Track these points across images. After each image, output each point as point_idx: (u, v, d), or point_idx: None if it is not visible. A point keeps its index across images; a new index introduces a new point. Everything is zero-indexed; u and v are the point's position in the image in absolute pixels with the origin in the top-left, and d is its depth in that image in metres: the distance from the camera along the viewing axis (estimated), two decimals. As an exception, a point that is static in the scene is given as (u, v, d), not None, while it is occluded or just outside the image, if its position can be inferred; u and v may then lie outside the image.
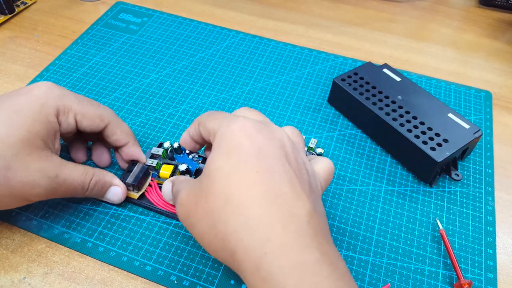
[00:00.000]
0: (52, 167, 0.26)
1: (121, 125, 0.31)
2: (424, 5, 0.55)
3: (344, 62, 0.45)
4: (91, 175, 0.29)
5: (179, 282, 0.28)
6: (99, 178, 0.29)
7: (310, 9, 0.53)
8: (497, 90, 0.43)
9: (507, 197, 0.34)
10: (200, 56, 0.45)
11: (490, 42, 0.50)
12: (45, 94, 0.27)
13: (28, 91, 0.27)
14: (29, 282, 0.27)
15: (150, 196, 0.31)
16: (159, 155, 0.33)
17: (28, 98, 0.27)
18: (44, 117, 0.26)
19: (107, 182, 0.30)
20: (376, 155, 0.36)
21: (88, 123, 0.29)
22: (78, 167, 0.28)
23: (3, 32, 0.47)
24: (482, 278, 0.29)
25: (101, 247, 0.29)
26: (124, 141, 0.31)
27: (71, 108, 0.28)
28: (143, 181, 0.31)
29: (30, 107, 0.26)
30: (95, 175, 0.29)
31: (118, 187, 0.30)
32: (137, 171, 0.31)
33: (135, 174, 0.31)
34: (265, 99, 0.41)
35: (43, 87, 0.28)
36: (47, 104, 0.27)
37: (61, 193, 0.27)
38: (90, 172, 0.29)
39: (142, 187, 0.31)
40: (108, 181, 0.30)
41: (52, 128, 0.27)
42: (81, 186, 0.28)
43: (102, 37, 0.47)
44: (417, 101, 0.36)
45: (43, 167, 0.26)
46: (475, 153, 0.37)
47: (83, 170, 0.28)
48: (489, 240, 0.31)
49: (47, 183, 0.26)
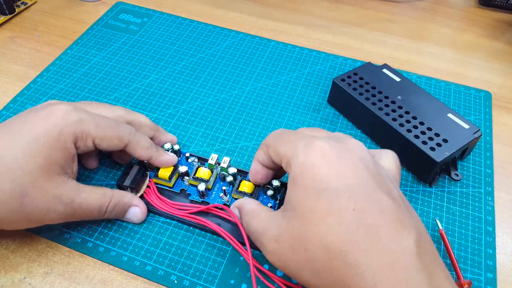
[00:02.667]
0: (67, 193, 0.26)
1: (140, 142, 0.30)
2: (423, 6, 0.55)
3: (343, 63, 0.45)
4: (109, 198, 0.28)
5: (179, 282, 0.28)
6: (118, 200, 0.29)
7: (310, 10, 0.53)
8: (496, 90, 0.43)
9: (506, 197, 0.34)
10: (200, 56, 0.45)
11: (489, 42, 0.50)
12: (62, 122, 0.26)
13: (46, 117, 0.26)
14: (30, 282, 0.27)
15: (149, 197, 0.31)
16: None
17: (46, 126, 0.26)
18: (62, 144, 0.26)
19: (126, 204, 0.29)
20: (376, 155, 0.36)
21: (107, 145, 0.28)
22: (95, 190, 0.28)
23: (3, 32, 0.47)
24: (481, 278, 0.29)
25: (102, 247, 0.29)
26: (147, 157, 0.30)
27: (89, 133, 0.27)
28: (141, 183, 0.31)
29: (48, 135, 0.26)
30: (113, 198, 0.28)
31: (137, 208, 0.30)
32: (134, 173, 0.31)
33: (132, 176, 0.30)
34: (265, 99, 0.41)
35: (60, 112, 0.27)
36: (65, 131, 0.26)
37: (78, 216, 0.27)
38: (108, 195, 0.28)
39: (140, 189, 0.31)
40: (128, 202, 0.29)
41: (69, 154, 0.27)
42: (98, 210, 0.28)
43: (102, 38, 0.47)
44: (417, 101, 0.36)
45: (59, 194, 0.26)
46: (474, 153, 0.37)
47: (101, 193, 0.28)
48: (489, 240, 0.31)
49: (62, 208, 0.26)
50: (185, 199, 0.31)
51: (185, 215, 0.30)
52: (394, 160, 0.26)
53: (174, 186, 0.32)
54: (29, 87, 0.41)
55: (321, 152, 0.22)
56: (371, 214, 0.20)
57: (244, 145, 0.37)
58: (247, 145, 0.36)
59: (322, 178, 0.21)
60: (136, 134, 0.30)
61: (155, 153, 0.31)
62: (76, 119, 0.27)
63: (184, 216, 0.30)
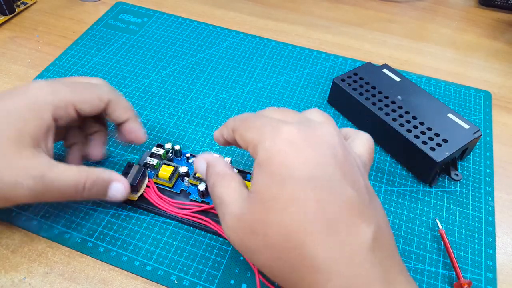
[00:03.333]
0: (37, 166, 0.25)
1: (121, 101, 0.30)
2: (423, 6, 0.55)
3: (343, 62, 0.45)
4: (86, 175, 0.26)
5: (179, 282, 0.28)
6: (96, 177, 0.26)
7: (310, 10, 0.53)
8: (496, 90, 0.43)
9: (506, 197, 0.34)
10: (200, 56, 0.45)
11: (489, 42, 0.50)
12: (37, 94, 0.26)
13: (20, 92, 0.26)
14: (30, 282, 0.27)
15: (149, 196, 0.31)
16: (159, 155, 0.33)
17: (19, 99, 0.26)
18: (37, 114, 0.26)
19: (106, 180, 0.27)
20: (376, 155, 0.36)
21: (89, 108, 0.28)
22: (70, 167, 0.26)
23: (3, 33, 0.47)
24: (481, 278, 0.29)
25: (102, 247, 0.29)
26: (125, 117, 0.30)
27: (67, 100, 0.27)
28: (141, 182, 0.31)
29: (20, 106, 0.25)
30: (90, 174, 0.26)
31: (119, 183, 0.28)
32: (134, 172, 0.30)
33: (132, 175, 0.30)
34: (265, 100, 0.41)
35: (35, 87, 0.27)
36: (40, 102, 0.26)
37: (52, 195, 0.25)
38: (84, 172, 0.26)
39: (140, 188, 0.31)
40: (107, 178, 0.27)
41: (44, 126, 0.26)
42: (74, 188, 0.26)
43: (102, 38, 0.47)
44: (417, 101, 0.36)
45: (28, 166, 0.24)
46: (474, 153, 0.37)
47: (75, 170, 0.26)
48: (489, 240, 0.31)
49: (31, 183, 0.24)
50: (185, 199, 0.31)
51: (186, 214, 0.30)
52: (368, 144, 0.25)
53: (174, 186, 0.32)
54: (29, 87, 0.41)
55: (288, 138, 0.21)
56: (333, 206, 0.20)
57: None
58: (247, 145, 0.36)
59: (288, 166, 0.20)
60: (116, 91, 0.30)
61: (133, 117, 0.30)
62: (51, 89, 0.27)
63: (185, 215, 0.30)
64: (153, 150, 0.33)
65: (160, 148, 0.33)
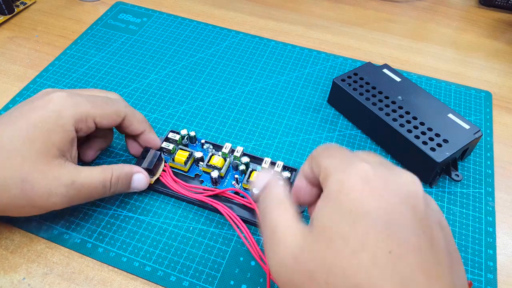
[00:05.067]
0: (67, 174, 0.27)
1: (136, 115, 0.32)
2: (423, 5, 0.55)
3: (344, 62, 0.45)
4: (110, 172, 0.29)
5: (179, 283, 0.27)
6: (119, 173, 0.29)
7: (310, 9, 0.53)
8: (497, 90, 0.43)
9: (507, 198, 0.34)
10: (199, 56, 0.45)
11: (490, 42, 0.50)
12: (60, 107, 0.28)
13: (44, 105, 0.28)
14: (29, 283, 0.27)
15: (165, 179, 0.32)
16: (175, 140, 0.34)
17: (44, 113, 0.27)
18: (61, 127, 0.27)
19: (129, 173, 0.30)
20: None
21: (107, 122, 0.30)
22: (94, 169, 0.28)
23: (2, 33, 0.47)
24: (482, 279, 0.29)
25: (101, 248, 0.29)
26: (141, 130, 0.32)
27: (88, 114, 0.29)
28: (157, 166, 0.32)
29: (46, 120, 0.27)
30: (114, 171, 0.29)
31: (140, 174, 0.30)
32: (151, 156, 0.32)
33: (149, 159, 0.31)
34: (265, 99, 0.41)
35: (57, 99, 0.28)
36: (63, 116, 0.27)
37: (83, 197, 0.28)
38: (108, 170, 0.29)
39: (157, 172, 0.32)
40: (129, 171, 0.30)
41: (68, 137, 0.28)
42: (102, 185, 0.28)
43: (101, 37, 0.46)
44: (417, 102, 0.36)
45: (58, 176, 0.26)
46: (475, 154, 0.37)
47: (100, 170, 0.28)
48: (489, 240, 0.31)
49: (64, 190, 0.26)
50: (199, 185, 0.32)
51: (199, 197, 0.31)
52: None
53: (189, 171, 0.33)
54: (28, 87, 0.40)
55: (364, 175, 0.19)
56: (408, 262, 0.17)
57: (244, 146, 0.36)
58: (247, 146, 0.36)
59: (362, 203, 0.18)
60: (131, 107, 0.32)
61: (148, 128, 0.32)
62: (72, 102, 0.28)
63: (199, 198, 0.31)
64: (169, 135, 0.34)
65: (175, 134, 0.34)
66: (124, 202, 0.32)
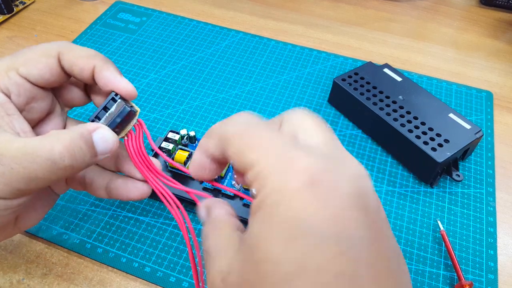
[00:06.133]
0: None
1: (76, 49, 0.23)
2: (424, 5, 0.55)
3: (344, 62, 0.45)
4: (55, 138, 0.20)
5: (178, 284, 0.27)
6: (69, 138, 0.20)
7: (310, 9, 0.53)
8: (497, 90, 0.43)
9: (508, 198, 0.34)
10: (199, 55, 0.45)
11: (491, 42, 0.49)
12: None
13: None
14: (28, 283, 0.27)
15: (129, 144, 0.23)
16: (175, 140, 0.33)
17: None
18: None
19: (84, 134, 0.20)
20: (377, 155, 0.36)
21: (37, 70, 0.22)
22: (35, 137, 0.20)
23: (1, 32, 0.47)
24: (483, 279, 0.29)
25: (100, 248, 0.29)
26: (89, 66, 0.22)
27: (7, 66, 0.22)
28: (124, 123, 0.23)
29: None
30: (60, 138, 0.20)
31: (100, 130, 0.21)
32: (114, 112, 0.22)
33: (112, 116, 0.22)
34: (265, 99, 0.41)
35: None
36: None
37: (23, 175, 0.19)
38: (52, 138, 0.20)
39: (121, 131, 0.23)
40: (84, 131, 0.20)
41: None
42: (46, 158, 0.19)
43: (101, 37, 0.46)
44: (418, 101, 0.36)
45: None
46: (476, 154, 0.37)
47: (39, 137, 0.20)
48: (490, 241, 0.31)
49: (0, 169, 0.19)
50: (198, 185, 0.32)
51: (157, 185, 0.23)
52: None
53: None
54: (28, 86, 0.40)
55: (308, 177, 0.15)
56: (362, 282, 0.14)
57: (244, 145, 0.36)
58: (247, 145, 0.36)
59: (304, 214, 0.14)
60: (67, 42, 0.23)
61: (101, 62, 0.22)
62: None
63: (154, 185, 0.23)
64: (169, 135, 0.34)
65: (175, 134, 0.34)
66: (123, 203, 0.31)
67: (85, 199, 0.31)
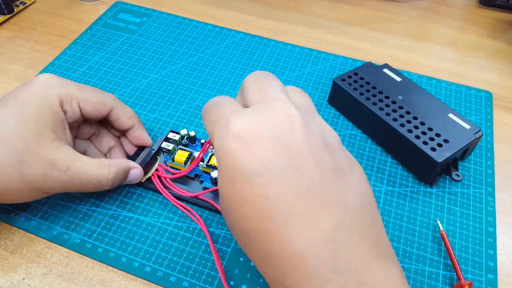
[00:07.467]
0: (62, 159, 0.26)
1: (124, 109, 0.31)
2: (424, 5, 0.55)
3: (344, 62, 0.45)
4: (108, 170, 0.28)
5: (178, 283, 0.27)
6: (117, 169, 0.29)
7: (310, 9, 0.53)
8: (497, 90, 0.43)
9: (507, 198, 0.34)
10: (199, 56, 0.45)
11: (490, 42, 0.50)
12: (45, 84, 0.28)
13: (29, 84, 0.28)
14: (28, 283, 0.27)
15: (155, 180, 0.32)
16: (175, 140, 0.34)
17: (30, 90, 0.27)
18: (49, 107, 0.27)
19: (126, 169, 0.30)
20: (376, 155, 0.36)
21: (92, 108, 0.29)
22: (91, 161, 0.28)
23: (2, 32, 0.47)
24: (482, 279, 0.29)
25: (100, 248, 0.29)
26: (129, 124, 0.31)
27: (73, 95, 0.28)
28: (150, 165, 0.32)
29: (33, 98, 0.27)
30: (112, 168, 0.28)
31: (136, 169, 0.30)
32: (144, 155, 0.32)
33: (142, 157, 0.32)
34: (265, 99, 0.41)
35: (43, 77, 0.28)
36: (49, 93, 0.27)
37: (77, 187, 0.27)
38: (106, 167, 0.28)
39: (149, 171, 0.32)
40: (127, 167, 0.30)
41: (58, 118, 0.27)
42: (97, 181, 0.28)
43: (101, 37, 0.46)
44: (418, 101, 0.36)
45: (53, 159, 0.26)
46: (475, 154, 0.37)
47: (97, 164, 0.28)
48: (490, 241, 0.31)
49: (59, 175, 0.26)
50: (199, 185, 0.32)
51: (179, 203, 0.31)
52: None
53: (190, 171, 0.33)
54: (28, 87, 0.40)
55: (236, 135, 0.19)
56: (286, 199, 0.18)
57: (244, 145, 0.36)
58: (247, 145, 0.36)
59: (235, 165, 0.19)
60: (119, 100, 0.31)
61: (138, 124, 0.32)
62: (59, 82, 0.28)
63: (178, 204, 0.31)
64: (169, 135, 0.34)
65: (175, 134, 0.34)
66: (123, 202, 0.32)
67: (86, 198, 0.32)
